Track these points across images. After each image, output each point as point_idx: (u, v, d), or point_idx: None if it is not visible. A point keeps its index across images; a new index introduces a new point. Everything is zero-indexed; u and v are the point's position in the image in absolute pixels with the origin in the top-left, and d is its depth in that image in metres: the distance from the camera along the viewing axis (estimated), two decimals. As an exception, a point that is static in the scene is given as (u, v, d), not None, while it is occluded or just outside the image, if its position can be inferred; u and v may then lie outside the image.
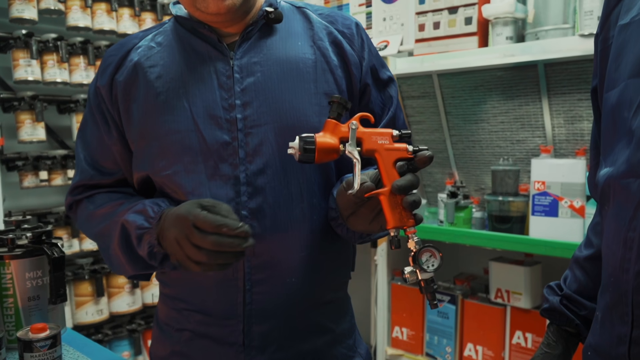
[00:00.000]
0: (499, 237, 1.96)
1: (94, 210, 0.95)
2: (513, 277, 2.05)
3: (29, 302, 1.11)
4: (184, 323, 0.93)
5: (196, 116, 0.85)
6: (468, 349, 2.20)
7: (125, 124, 0.92)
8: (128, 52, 0.91)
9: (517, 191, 2.02)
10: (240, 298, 0.87)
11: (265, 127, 0.85)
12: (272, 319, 0.88)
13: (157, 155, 0.88)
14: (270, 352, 0.89)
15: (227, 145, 0.85)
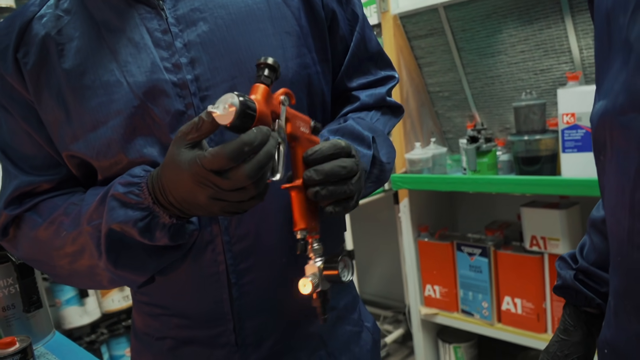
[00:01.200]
0: (529, 180, 1.77)
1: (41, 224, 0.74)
2: (548, 223, 1.86)
3: (4, 312, 1.04)
4: (163, 330, 0.81)
5: (136, 88, 0.69)
6: (506, 303, 2.05)
7: (40, 114, 0.73)
8: (28, 24, 0.71)
9: (544, 127, 1.81)
10: (225, 295, 0.74)
11: (224, 86, 0.70)
12: (265, 310, 0.77)
13: (101, 149, 0.70)
14: (267, 347, 0.78)
15: (182, 115, 0.69)
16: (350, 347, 0.87)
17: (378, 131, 0.81)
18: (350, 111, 0.85)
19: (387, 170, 0.81)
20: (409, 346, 2.62)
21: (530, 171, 1.80)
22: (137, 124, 0.70)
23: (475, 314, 2.15)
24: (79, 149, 0.71)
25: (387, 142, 0.82)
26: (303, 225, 0.62)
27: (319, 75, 0.79)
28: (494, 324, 2.10)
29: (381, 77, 0.89)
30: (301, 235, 0.62)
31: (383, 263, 2.93)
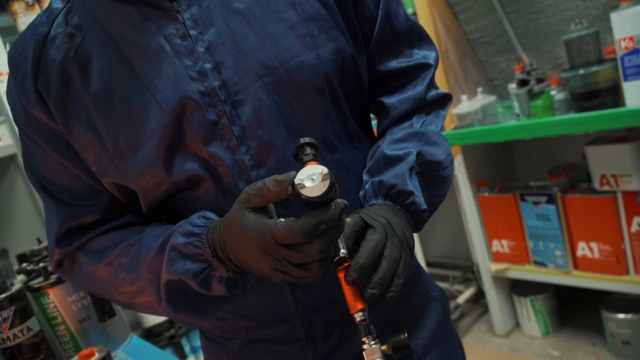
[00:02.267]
0: (590, 117, 1.65)
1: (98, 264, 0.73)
2: (617, 158, 1.74)
3: (81, 324, 1.08)
4: (231, 331, 0.80)
5: (164, 105, 0.64)
6: (581, 249, 1.95)
7: (72, 144, 0.69)
8: (42, 49, 0.66)
9: (600, 57, 1.67)
10: (289, 298, 0.73)
11: (254, 88, 0.65)
12: (330, 303, 0.75)
13: (142, 173, 0.67)
14: (337, 335, 0.77)
15: (215, 125, 0.65)
16: (420, 321, 0.84)
17: (421, 133, 0.74)
18: (389, 125, 0.78)
19: (450, 164, 0.75)
20: (483, 304, 2.57)
21: (590, 107, 1.67)
22: (172, 143, 0.65)
23: (549, 264, 2.06)
24: (119, 177, 0.68)
25: (437, 136, 0.75)
26: (361, 306, 0.58)
27: (354, 58, 0.72)
28: (571, 272, 2.00)
29: (416, 63, 0.78)
30: (362, 316, 0.58)
31: (445, 224, 2.86)
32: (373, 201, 0.68)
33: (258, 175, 0.67)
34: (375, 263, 0.58)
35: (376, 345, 0.57)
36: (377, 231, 0.59)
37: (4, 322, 0.99)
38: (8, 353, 1.00)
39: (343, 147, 0.73)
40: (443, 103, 0.81)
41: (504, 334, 2.36)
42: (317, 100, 0.68)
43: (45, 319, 1.07)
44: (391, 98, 0.78)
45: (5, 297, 0.99)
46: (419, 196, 0.68)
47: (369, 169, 0.72)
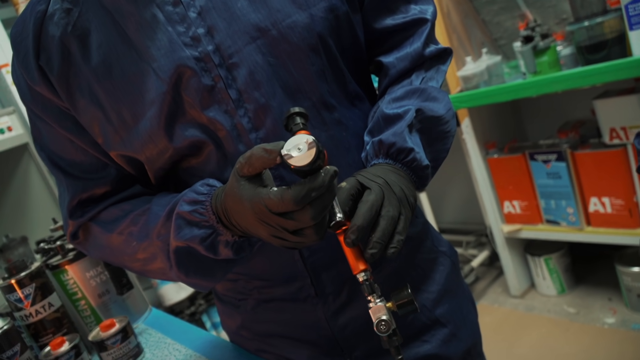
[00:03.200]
0: (597, 69, 1.62)
1: (110, 234, 0.75)
2: (626, 110, 1.71)
3: (101, 298, 1.11)
4: (244, 292, 0.82)
5: (161, 73, 0.65)
6: (593, 204, 1.94)
7: (77, 118, 0.71)
8: (41, 26, 0.67)
9: (605, 7, 1.63)
10: (297, 256, 0.75)
11: (248, 50, 0.65)
12: (338, 260, 0.76)
13: (145, 142, 0.69)
14: (347, 292, 0.79)
15: (212, 89, 0.66)
16: (430, 275, 0.85)
17: (420, 89, 0.73)
18: (389, 84, 0.78)
19: (451, 118, 0.75)
20: (497, 266, 2.58)
21: (597, 59, 1.64)
22: (172, 110, 0.66)
23: (561, 222, 2.06)
24: (125, 148, 0.70)
25: (437, 91, 0.74)
26: (363, 267, 0.58)
27: (348, 16, 0.72)
28: (583, 228, 2.00)
29: (412, 18, 0.77)
30: (365, 276, 0.59)
31: (456, 189, 2.85)
32: (374, 161, 0.68)
33: (257, 137, 0.68)
34: (374, 223, 0.58)
35: (381, 303, 0.58)
36: (373, 191, 0.60)
37: (25, 299, 1.03)
38: (32, 329, 1.04)
39: (341, 106, 0.73)
40: (443, 58, 0.80)
41: (519, 295, 2.38)
42: (312, 59, 0.68)
43: (65, 295, 1.10)
44: (389, 57, 0.77)
45: (25, 275, 1.02)
46: (419, 152, 0.68)
47: (370, 129, 0.72)
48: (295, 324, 0.81)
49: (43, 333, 1.04)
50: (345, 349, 0.81)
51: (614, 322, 2.01)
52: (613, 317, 2.04)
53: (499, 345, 2.12)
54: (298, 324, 0.81)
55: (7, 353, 0.94)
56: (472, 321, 0.90)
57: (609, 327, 2.00)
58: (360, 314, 0.79)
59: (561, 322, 2.13)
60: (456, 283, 0.89)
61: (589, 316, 2.10)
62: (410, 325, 0.82)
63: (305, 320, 0.80)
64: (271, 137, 0.67)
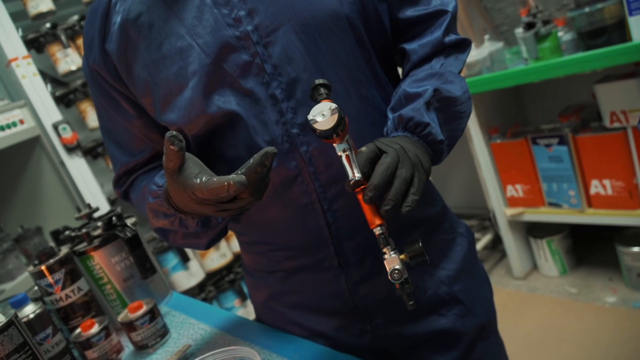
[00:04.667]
0: (598, 54, 1.66)
1: (136, 198, 0.89)
2: (626, 94, 1.76)
3: (125, 283, 1.16)
4: (272, 265, 0.89)
5: (205, 48, 0.74)
6: (594, 187, 1.99)
7: (135, 93, 0.81)
8: (107, 15, 0.79)
9: (606, -7, 1.67)
10: (322, 221, 0.80)
11: (283, 30, 0.73)
12: (361, 230, 0.81)
13: (186, 108, 0.77)
14: (368, 264, 0.84)
15: (250, 65, 0.74)
16: (447, 254, 0.90)
17: (439, 73, 0.78)
18: (411, 68, 0.83)
19: (467, 100, 0.79)
20: (500, 249, 2.63)
21: (597, 44, 1.69)
22: (212, 81, 0.75)
23: (563, 205, 2.11)
24: (170, 115, 0.78)
25: (454, 75, 0.79)
26: (378, 222, 0.63)
27: (374, 4, 0.78)
28: (585, 210, 2.05)
29: (433, 10, 0.82)
30: (380, 230, 0.64)
31: (459, 174, 2.90)
32: (393, 134, 0.74)
33: (288, 106, 0.74)
34: (389, 183, 0.64)
35: (395, 255, 0.63)
36: (390, 155, 0.65)
37: (55, 284, 1.08)
38: (62, 312, 1.09)
39: (368, 83, 0.79)
40: (462, 47, 0.85)
41: (522, 276, 2.44)
42: (341, 38, 0.75)
43: (92, 279, 1.15)
44: (412, 44, 0.82)
45: (55, 261, 1.07)
46: (435, 127, 0.73)
47: (392, 106, 0.78)
48: (320, 294, 0.87)
49: (72, 316, 1.10)
50: (366, 317, 0.86)
51: (615, 301, 2.07)
52: (614, 297, 2.10)
53: (503, 325, 2.18)
54: (323, 294, 0.86)
55: (39, 336, 1.00)
56: (487, 299, 0.95)
57: (610, 306, 2.06)
58: (381, 285, 0.84)
59: (563, 302, 2.19)
60: (473, 262, 0.94)
61: (590, 295, 2.16)
62: (429, 299, 0.87)
63: (330, 290, 0.85)
64: (301, 106, 0.74)
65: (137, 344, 1.03)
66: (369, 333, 0.88)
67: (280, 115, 0.75)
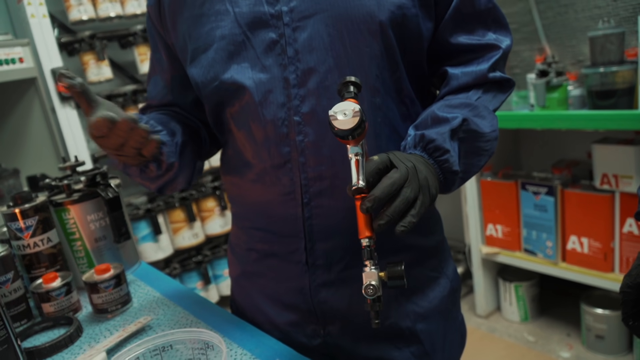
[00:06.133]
0: (603, 115, 1.69)
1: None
2: (621, 159, 1.79)
3: (97, 243, 1.14)
4: (250, 243, 0.91)
5: (239, 17, 0.76)
6: (571, 242, 2.02)
7: (174, 42, 0.85)
8: None
9: (622, 58, 1.70)
10: (299, 212, 0.80)
11: (315, 19, 0.73)
12: (336, 236, 0.81)
13: (207, 68, 0.80)
14: (336, 271, 0.84)
15: (275, 44, 0.75)
16: (424, 291, 0.88)
17: (473, 105, 0.77)
18: (447, 93, 0.81)
19: (493, 139, 0.78)
20: (468, 284, 2.65)
21: (604, 105, 1.71)
22: (236, 49, 0.77)
23: (538, 253, 2.13)
24: (192, 74, 0.82)
25: (487, 112, 0.78)
26: (368, 234, 0.62)
27: (417, 19, 0.76)
28: (558, 263, 2.08)
29: (487, 43, 0.80)
30: (368, 243, 0.63)
31: (443, 202, 2.91)
32: (410, 151, 0.73)
33: (298, 93, 0.75)
34: (391, 199, 0.63)
35: (375, 270, 0.62)
36: (399, 171, 0.64)
37: (26, 230, 1.05)
38: (26, 259, 1.06)
39: (386, 94, 0.77)
40: (504, 87, 0.83)
41: (484, 315, 2.46)
42: (369, 42, 0.73)
43: (64, 233, 1.12)
44: (455, 69, 0.81)
45: (30, 207, 1.04)
46: (454, 156, 0.72)
47: (416, 124, 0.76)
48: (284, 285, 0.87)
49: (36, 266, 1.07)
50: (322, 321, 0.87)
51: (569, 357, 2.10)
52: (568, 352, 2.12)
53: (456, 359, 2.20)
54: (286, 286, 0.87)
55: (0, 278, 0.97)
56: (452, 351, 0.93)
57: (563, 361, 2.09)
58: (343, 295, 0.84)
59: (519, 347, 2.21)
60: (449, 309, 0.92)
61: (546, 347, 2.18)
62: (388, 328, 0.86)
63: (293, 284, 0.86)
64: (310, 96, 0.75)
65: (97, 306, 1.00)
66: (321, 337, 0.88)
67: (288, 100, 0.75)
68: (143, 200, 2.60)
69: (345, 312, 0.85)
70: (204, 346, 0.67)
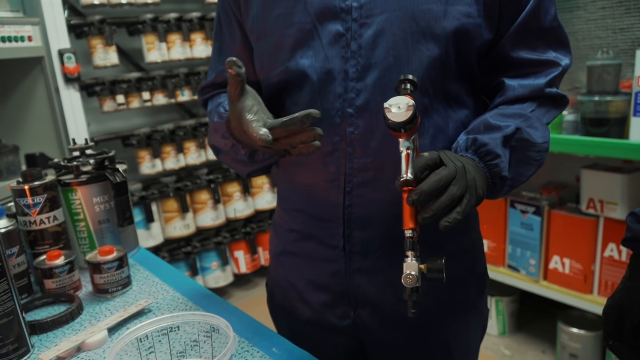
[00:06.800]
0: (594, 142, 1.75)
1: (210, 110, 0.98)
2: (608, 186, 1.85)
3: (100, 225, 1.17)
4: (292, 224, 0.95)
5: (310, 6, 0.79)
6: (554, 262, 2.08)
7: (244, 21, 0.89)
8: None
9: (617, 89, 1.76)
10: (340, 199, 0.84)
11: (382, 17, 0.76)
12: (374, 226, 0.84)
13: (272, 52, 0.84)
14: (372, 259, 0.87)
15: (340, 37, 0.78)
16: (455, 286, 0.90)
17: (527, 115, 0.79)
18: (502, 103, 0.83)
19: (544, 150, 0.80)
20: (451, 295, 2.70)
21: (596, 133, 1.78)
22: (302, 37, 0.80)
23: (521, 270, 2.19)
24: (260, 50, 0.86)
25: (540, 123, 0.80)
26: (412, 226, 0.64)
27: (480, 29, 0.78)
28: (539, 281, 2.14)
29: (547, 59, 0.82)
30: (411, 234, 0.64)
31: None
32: (462, 153, 0.75)
33: (355, 87, 0.78)
34: (437, 194, 0.64)
35: (415, 262, 0.63)
36: (448, 168, 0.66)
37: (34, 207, 1.07)
38: (31, 235, 1.09)
39: (435, 96, 0.80)
40: (559, 103, 0.85)
41: (464, 326, 2.51)
42: (430, 46, 0.76)
43: (69, 213, 1.15)
44: (513, 81, 0.83)
45: (39, 185, 1.07)
46: (504, 162, 0.74)
47: (469, 130, 0.79)
48: (322, 267, 0.91)
49: (40, 242, 1.09)
50: (353, 304, 0.91)
51: (542, 373, 2.16)
52: (542, 368, 2.18)
53: (434, 366, 2.24)
54: (324, 267, 0.91)
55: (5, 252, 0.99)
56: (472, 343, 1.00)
57: (536, 376, 2.14)
58: (377, 283, 0.88)
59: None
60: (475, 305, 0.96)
61: (521, 361, 2.24)
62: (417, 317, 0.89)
63: (330, 267, 0.90)
64: (365, 90, 0.78)
65: (98, 286, 1.03)
66: (350, 319, 0.93)
67: (345, 92, 0.78)
68: (138, 187, 2.62)
69: (377, 298, 0.89)
70: (210, 329, 0.70)
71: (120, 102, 2.40)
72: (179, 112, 2.92)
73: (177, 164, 2.65)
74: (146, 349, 0.69)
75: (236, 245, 2.94)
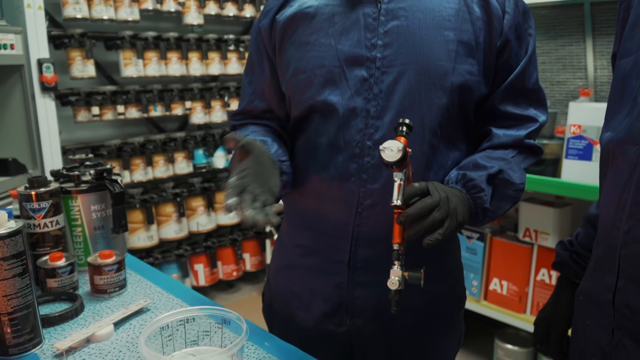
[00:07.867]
0: (531, 178, 2.00)
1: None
2: (542, 218, 2.10)
3: (95, 231, 1.26)
4: (300, 240, 1.06)
5: (340, 53, 0.93)
6: (494, 284, 2.31)
7: (277, 61, 1.01)
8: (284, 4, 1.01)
9: (552, 133, 2.03)
10: (352, 219, 0.96)
11: (401, 68, 0.91)
12: (378, 245, 0.95)
13: (303, 87, 0.97)
14: (374, 274, 0.98)
15: (365, 81, 0.92)
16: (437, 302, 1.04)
17: (508, 160, 0.94)
18: (488, 147, 0.98)
19: (520, 190, 0.94)
20: (399, 313, 2.88)
21: (534, 171, 2.03)
22: (331, 78, 0.94)
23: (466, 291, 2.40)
24: (291, 86, 0.99)
25: (518, 167, 0.94)
26: (399, 241, 0.79)
27: (479, 85, 0.93)
28: (480, 300, 2.36)
29: (527, 115, 0.98)
30: (398, 247, 0.79)
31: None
32: (452, 185, 0.89)
33: (374, 123, 0.92)
34: (422, 218, 0.78)
35: (400, 269, 0.78)
36: (433, 197, 0.79)
37: (39, 211, 1.16)
38: (34, 238, 1.17)
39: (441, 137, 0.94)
40: (535, 153, 1.01)
41: (410, 342, 2.68)
42: (439, 95, 0.91)
43: (67, 218, 1.24)
44: (499, 130, 0.99)
45: (46, 191, 1.16)
46: (487, 196, 0.88)
47: (460, 166, 0.94)
48: (326, 279, 1.03)
49: (41, 245, 1.18)
50: (350, 313, 1.03)
51: (480, 385, 2.36)
52: (480, 381, 2.39)
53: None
54: (327, 280, 1.03)
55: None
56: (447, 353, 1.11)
57: (474, 388, 2.34)
58: (373, 296, 1.00)
59: (438, 374, 2.45)
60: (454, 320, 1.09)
61: (461, 375, 2.44)
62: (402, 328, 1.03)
63: (333, 279, 1.02)
64: (382, 127, 0.92)
65: (97, 287, 1.13)
66: (346, 326, 1.04)
67: (365, 127, 0.93)
68: (104, 196, 2.67)
69: (372, 308, 1.01)
70: (222, 322, 0.83)
71: (95, 113, 2.47)
72: (147, 126, 3.00)
73: (145, 176, 2.72)
74: (166, 337, 0.81)
75: (197, 258, 3.02)
